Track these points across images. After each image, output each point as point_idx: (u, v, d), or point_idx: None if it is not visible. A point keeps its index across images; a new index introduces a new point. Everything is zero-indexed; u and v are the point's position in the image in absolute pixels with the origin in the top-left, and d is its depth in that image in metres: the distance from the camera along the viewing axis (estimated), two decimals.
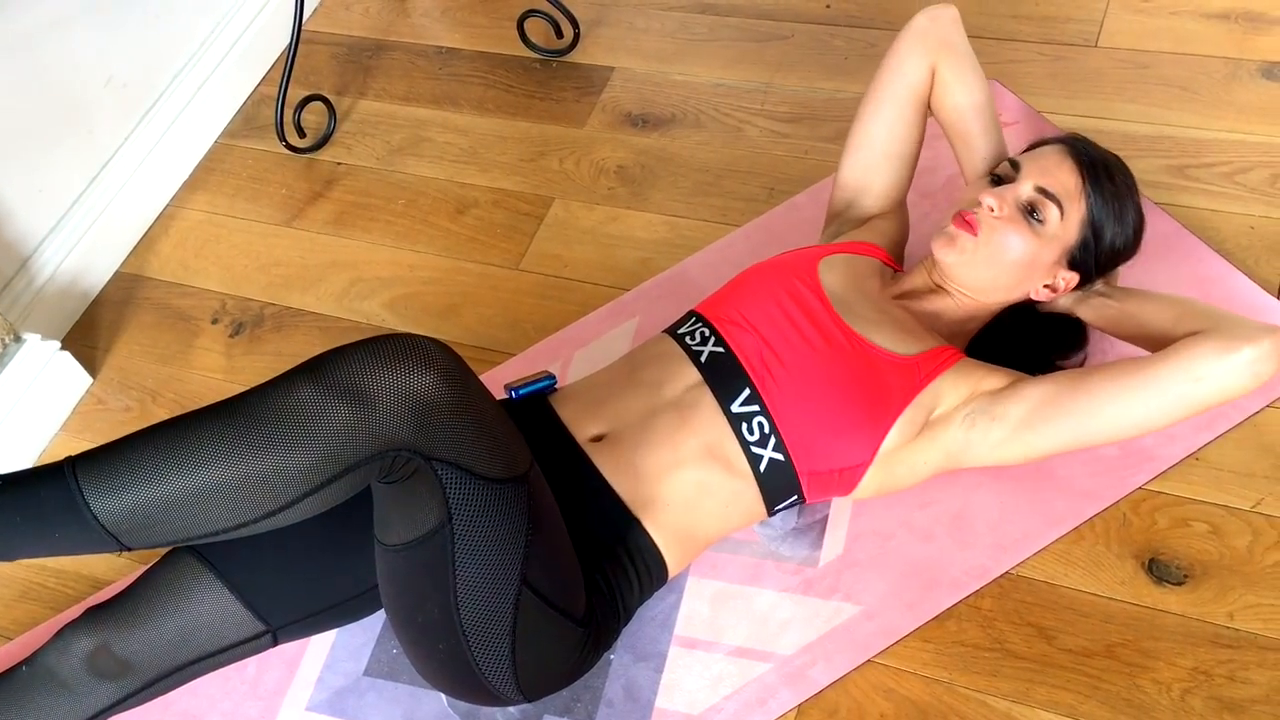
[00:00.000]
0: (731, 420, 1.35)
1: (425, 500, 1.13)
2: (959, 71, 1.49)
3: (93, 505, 1.08)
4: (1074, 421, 1.31)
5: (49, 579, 1.62)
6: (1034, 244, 1.36)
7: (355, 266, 1.92)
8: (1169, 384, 1.26)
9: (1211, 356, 1.24)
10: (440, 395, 1.09)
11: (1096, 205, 1.37)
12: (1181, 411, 1.28)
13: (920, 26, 1.50)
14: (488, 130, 2.08)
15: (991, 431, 1.33)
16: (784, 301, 1.40)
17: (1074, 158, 1.38)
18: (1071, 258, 1.39)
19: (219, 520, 1.09)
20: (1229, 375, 1.24)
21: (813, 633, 1.40)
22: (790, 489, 1.37)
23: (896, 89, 1.52)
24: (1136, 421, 1.30)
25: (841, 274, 1.45)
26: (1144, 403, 1.28)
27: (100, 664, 1.27)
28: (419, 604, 1.21)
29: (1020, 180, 1.37)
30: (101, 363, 1.87)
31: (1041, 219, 1.36)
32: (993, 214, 1.36)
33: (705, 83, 2.07)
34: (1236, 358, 1.23)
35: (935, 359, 1.37)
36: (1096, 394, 1.30)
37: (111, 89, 1.97)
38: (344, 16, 2.36)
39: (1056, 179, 1.36)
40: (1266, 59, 1.88)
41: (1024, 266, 1.37)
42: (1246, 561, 1.38)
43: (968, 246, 1.37)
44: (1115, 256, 1.41)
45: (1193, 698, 1.30)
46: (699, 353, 1.39)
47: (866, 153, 1.56)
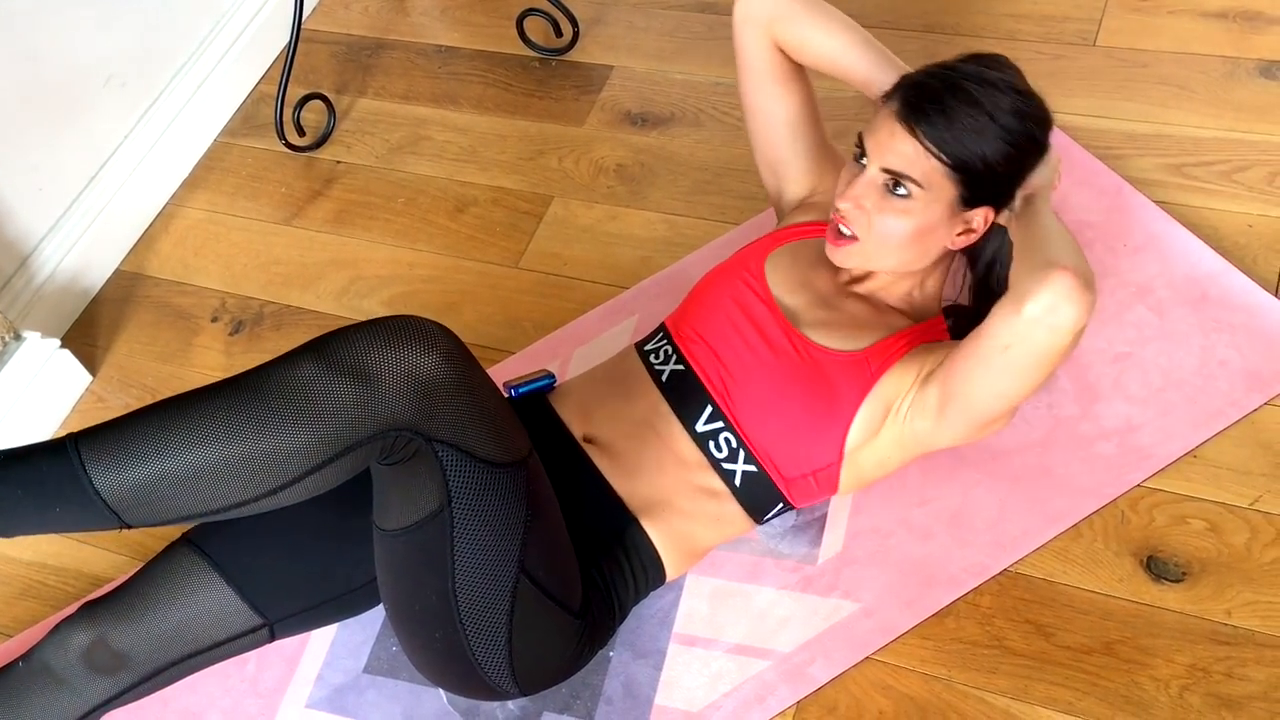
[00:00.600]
0: (699, 440, 1.35)
1: (425, 482, 1.14)
2: (801, 33, 1.41)
3: (95, 480, 1.08)
4: (961, 402, 1.26)
5: (49, 576, 1.63)
6: (909, 219, 1.29)
7: (355, 265, 1.92)
8: (992, 356, 1.20)
9: (1005, 322, 1.16)
10: (443, 376, 1.09)
11: (947, 151, 1.25)
12: (1024, 375, 1.20)
13: (740, 14, 1.43)
14: (487, 129, 2.09)
15: (924, 418, 1.30)
16: (733, 312, 1.39)
17: (901, 119, 1.27)
18: (963, 201, 1.29)
19: (220, 497, 1.09)
20: (1029, 336, 1.15)
21: (811, 630, 1.40)
22: (773, 498, 1.37)
23: (751, 81, 1.47)
24: (998, 396, 1.24)
25: (788, 271, 1.42)
26: (990, 378, 1.22)
27: (97, 658, 1.27)
28: (417, 591, 1.21)
29: (869, 162, 1.30)
30: (101, 361, 1.87)
31: (904, 193, 1.28)
32: (856, 214, 1.31)
33: (704, 81, 2.07)
34: (1021, 319, 1.14)
35: (885, 351, 1.34)
36: (960, 374, 1.24)
37: (111, 87, 1.97)
38: (343, 15, 2.36)
39: (895, 151, 1.27)
40: (1264, 58, 1.88)
41: (915, 239, 1.31)
42: (1244, 559, 1.38)
43: (854, 251, 1.33)
44: (1003, 175, 1.28)
45: (1191, 695, 1.30)
46: (661, 372, 1.40)
47: (763, 148, 1.53)
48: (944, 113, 1.25)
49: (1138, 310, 1.59)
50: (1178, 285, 1.61)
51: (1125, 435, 1.48)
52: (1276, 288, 1.60)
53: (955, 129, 1.25)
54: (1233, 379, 1.51)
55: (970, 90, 1.26)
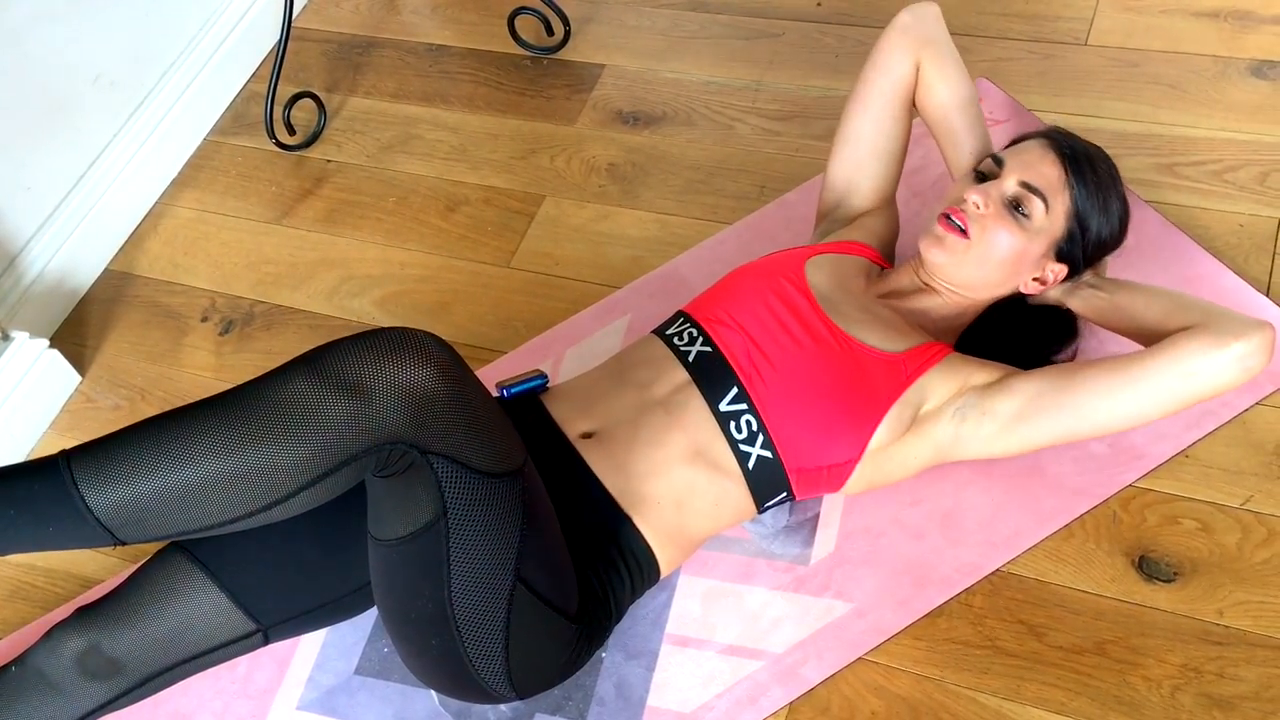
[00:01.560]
0: (720, 419, 1.35)
1: (420, 494, 1.13)
2: (943, 68, 1.50)
3: (88, 499, 1.07)
4: (1065, 415, 1.32)
5: (39, 578, 1.62)
6: (1020, 239, 1.36)
7: (345, 264, 1.92)
8: (1161, 378, 1.27)
9: (1203, 351, 1.25)
10: (436, 388, 1.09)
11: (1080, 197, 1.37)
12: (1172, 405, 1.29)
13: (904, 24, 1.51)
14: (478, 128, 2.08)
15: (983, 426, 1.34)
16: (770, 301, 1.41)
17: (1056, 151, 1.38)
18: (1058, 250, 1.39)
19: (214, 514, 1.09)
20: (1219, 370, 1.25)
21: (804, 630, 1.40)
22: (779, 486, 1.37)
23: (882, 86, 1.52)
24: (1128, 415, 1.31)
25: (828, 273, 1.45)
26: (1135, 396, 1.29)
27: (90, 664, 1.27)
28: (412, 600, 1.20)
29: (1004, 176, 1.38)
30: (90, 361, 1.87)
31: (1027, 213, 1.36)
32: (978, 210, 1.36)
33: (696, 80, 2.06)
34: (1227, 353, 1.24)
35: (921, 355, 1.37)
36: (1088, 388, 1.31)
37: (100, 86, 1.96)
38: (334, 13, 2.35)
39: (1040, 173, 1.37)
40: (1255, 57, 1.88)
41: (1012, 262, 1.38)
42: (1236, 559, 1.39)
43: (956, 247, 1.38)
44: (1102, 247, 1.42)
45: (1182, 694, 1.30)
46: (686, 352, 1.40)
47: (854, 151, 1.56)
48: (1091, 166, 1.39)
49: None
50: (1169, 284, 1.61)
51: (1117, 436, 1.48)
52: (1267, 287, 1.60)
53: (1094, 183, 1.38)
54: None
55: (1111, 170, 1.42)
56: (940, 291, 1.44)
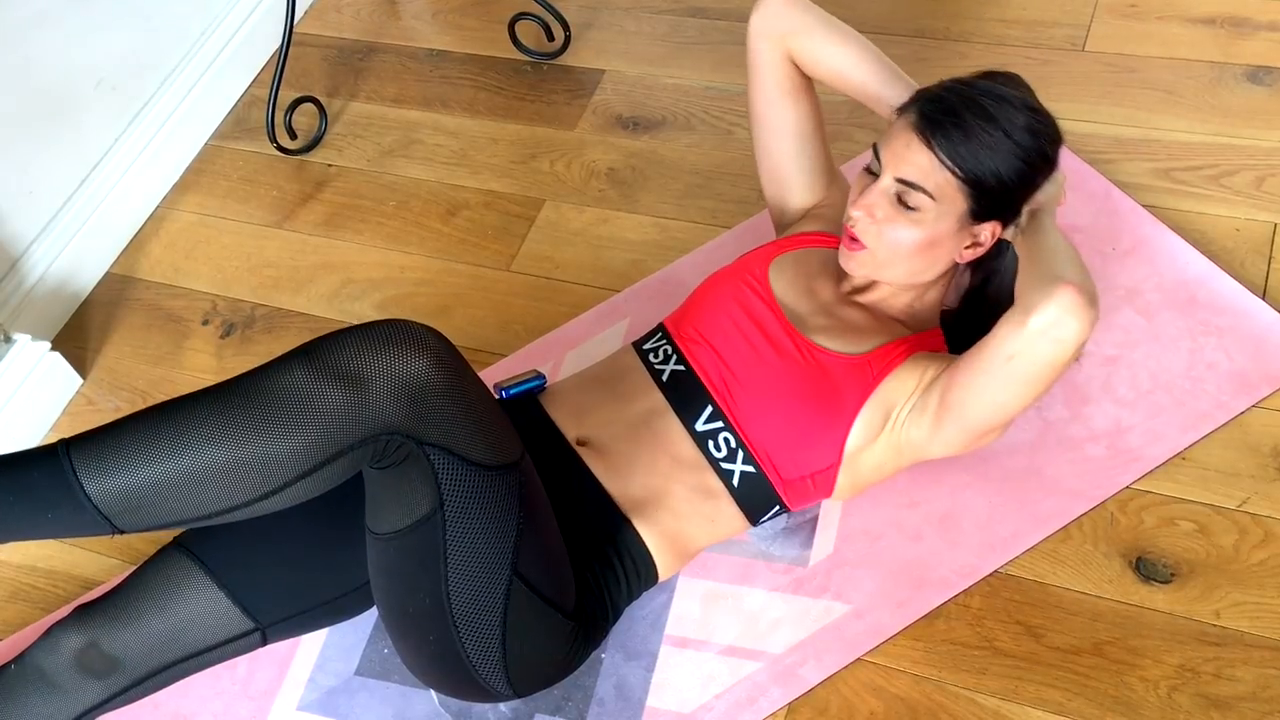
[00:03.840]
0: (698, 439, 1.36)
1: (417, 486, 1.14)
2: (814, 48, 1.43)
3: (86, 486, 1.08)
4: (959, 412, 1.28)
5: (39, 579, 1.62)
6: (919, 230, 1.30)
7: (346, 268, 1.93)
8: (993, 367, 1.22)
9: (1010, 335, 1.19)
10: (433, 379, 1.09)
11: (960, 165, 1.27)
12: (1024, 387, 1.22)
13: (755, 26, 1.45)
14: (479, 132, 2.09)
15: (920, 425, 1.32)
16: (736, 314, 1.40)
17: (918, 130, 1.28)
18: (973, 215, 1.30)
19: (212, 503, 1.09)
20: (1033, 348, 1.18)
21: (803, 632, 1.40)
22: (769, 500, 1.38)
23: (763, 92, 1.49)
24: (997, 407, 1.25)
25: (791, 276, 1.44)
26: (991, 389, 1.24)
27: (89, 661, 1.27)
28: (410, 594, 1.21)
29: (883, 173, 1.31)
30: (92, 363, 1.87)
31: (914, 205, 1.30)
32: (867, 224, 1.32)
33: (695, 85, 2.07)
34: (1026, 332, 1.17)
35: (886, 356, 1.35)
36: (961, 384, 1.26)
37: (102, 91, 1.97)
38: (335, 19, 2.36)
39: (910, 163, 1.29)
40: (1251, 63, 1.90)
41: (924, 250, 1.32)
42: (1233, 560, 1.39)
43: (865, 259, 1.35)
44: (1014, 190, 1.30)
45: (1180, 695, 1.31)
46: (661, 371, 1.40)
47: (770, 161, 1.54)
48: (960, 127, 1.26)
49: (1126, 313, 1.60)
50: (1166, 289, 1.62)
51: (1114, 437, 1.49)
52: (1264, 291, 1.61)
53: (970, 143, 1.26)
54: (1221, 381, 1.52)
55: (986, 106, 1.27)
56: (889, 283, 1.40)
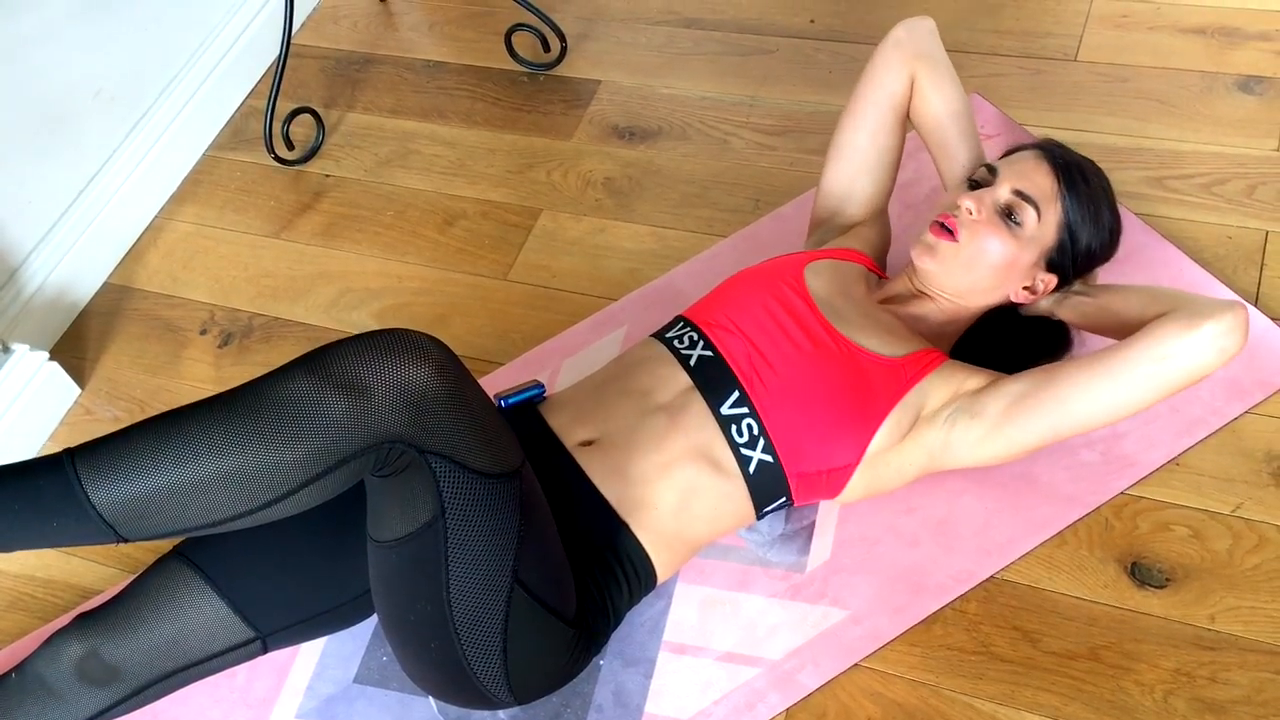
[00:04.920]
0: (721, 422, 1.36)
1: (419, 494, 1.14)
2: (937, 81, 1.52)
3: (91, 495, 1.08)
4: (1050, 412, 1.31)
5: (37, 589, 1.62)
6: (1012, 246, 1.38)
7: (344, 277, 1.93)
8: (1138, 366, 1.27)
9: (1175, 335, 1.24)
10: (435, 388, 1.10)
11: (1072, 208, 1.39)
12: (1153, 392, 1.28)
13: (898, 38, 1.53)
14: (476, 143, 2.10)
15: (972, 429, 1.34)
16: (771, 305, 1.42)
17: (1049, 161, 1.40)
18: (1049, 260, 1.41)
19: (215, 511, 1.10)
20: (1194, 351, 1.24)
21: (800, 637, 1.41)
22: (779, 490, 1.38)
23: (877, 99, 1.54)
24: (1110, 407, 1.30)
25: (827, 279, 1.47)
26: (1115, 387, 1.28)
27: (89, 670, 1.27)
28: (411, 601, 1.21)
29: (997, 184, 1.40)
30: (90, 373, 1.87)
31: (1019, 221, 1.38)
32: (971, 217, 1.38)
33: (691, 96, 2.09)
34: (1199, 334, 1.23)
35: (920, 361, 1.38)
36: (1070, 383, 1.31)
37: (100, 101, 1.98)
38: (332, 30, 2.37)
39: (1033, 182, 1.39)
40: (1242, 72, 1.91)
41: (1002, 269, 1.40)
42: (1227, 565, 1.40)
43: (946, 254, 1.39)
44: (1092, 258, 1.43)
45: (1175, 699, 1.31)
46: (688, 356, 1.41)
47: (849, 162, 1.58)
48: (1085, 179, 1.41)
49: None
50: None
51: (1109, 443, 1.50)
52: (1255, 298, 1.62)
53: (1086, 194, 1.40)
54: (1214, 388, 1.53)
55: (1101, 176, 1.44)
56: (934, 298, 1.46)
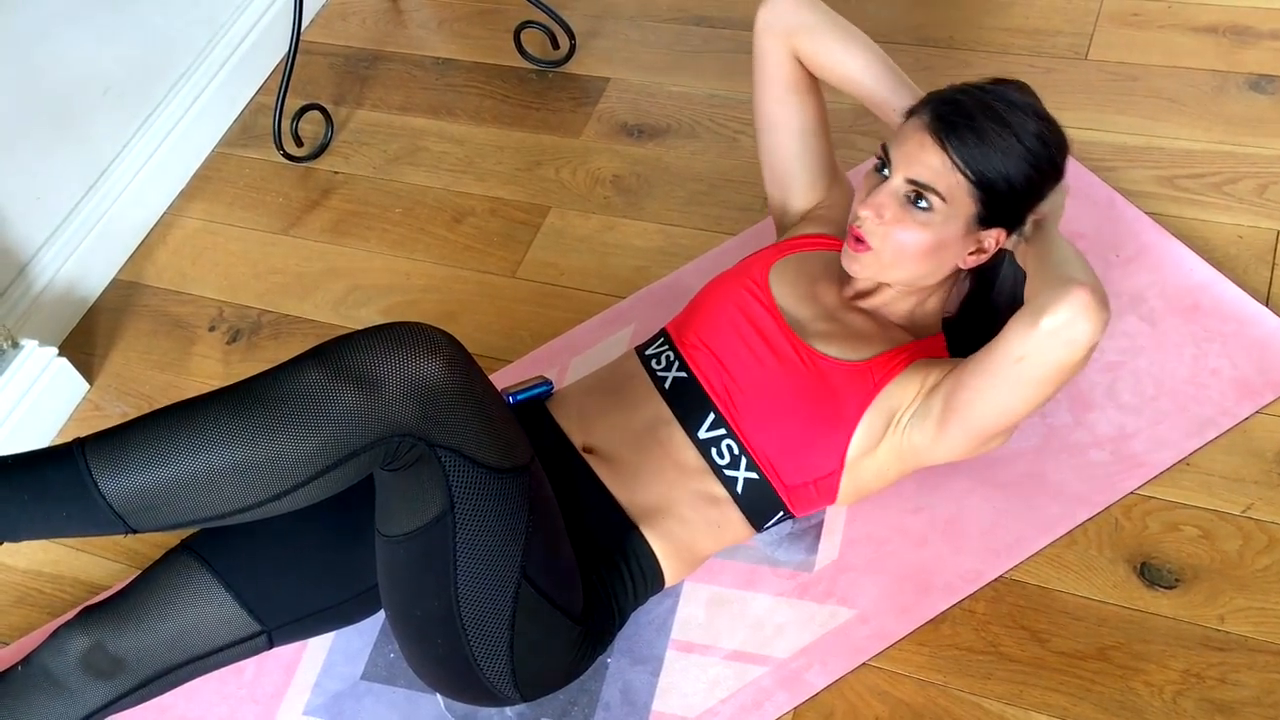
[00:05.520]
0: (700, 446, 1.36)
1: (428, 488, 1.14)
2: (821, 47, 1.42)
3: (101, 486, 1.08)
4: (964, 415, 1.27)
5: (45, 584, 1.63)
6: (927, 233, 1.29)
7: (352, 274, 1.93)
8: (1003, 369, 1.21)
9: (1021, 336, 1.17)
10: (445, 382, 1.10)
11: (972, 168, 1.26)
12: (1032, 390, 1.21)
13: (763, 21, 1.45)
14: (484, 140, 2.10)
15: (924, 430, 1.31)
16: (738, 321, 1.40)
17: (932, 131, 1.28)
18: (980, 220, 1.30)
19: (225, 503, 1.10)
20: (1044, 349, 1.17)
21: (808, 636, 1.41)
22: (773, 506, 1.38)
23: (768, 90, 1.49)
24: (1004, 409, 1.25)
25: (793, 281, 1.43)
26: (997, 391, 1.23)
27: (94, 663, 1.27)
28: (419, 597, 1.21)
29: (893, 173, 1.30)
30: (98, 369, 1.88)
31: (926, 205, 1.28)
32: (875, 224, 1.31)
33: (700, 93, 2.08)
34: (1038, 333, 1.15)
35: (888, 363, 1.35)
36: (967, 387, 1.26)
37: (110, 98, 1.98)
38: (341, 27, 2.38)
39: (922, 163, 1.28)
40: (1254, 71, 1.90)
41: (930, 254, 1.31)
42: (1237, 565, 1.39)
43: (869, 261, 1.34)
44: (1023, 197, 1.30)
45: (1184, 700, 1.31)
46: (663, 379, 1.41)
47: (774, 160, 1.54)
48: (974, 130, 1.26)
49: (1130, 320, 1.61)
50: (1169, 295, 1.63)
51: (1118, 443, 1.50)
52: (1266, 297, 1.62)
53: (984, 147, 1.26)
54: (1224, 388, 1.52)
55: (999, 110, 1.27)
56: (892, 285, 1.40)
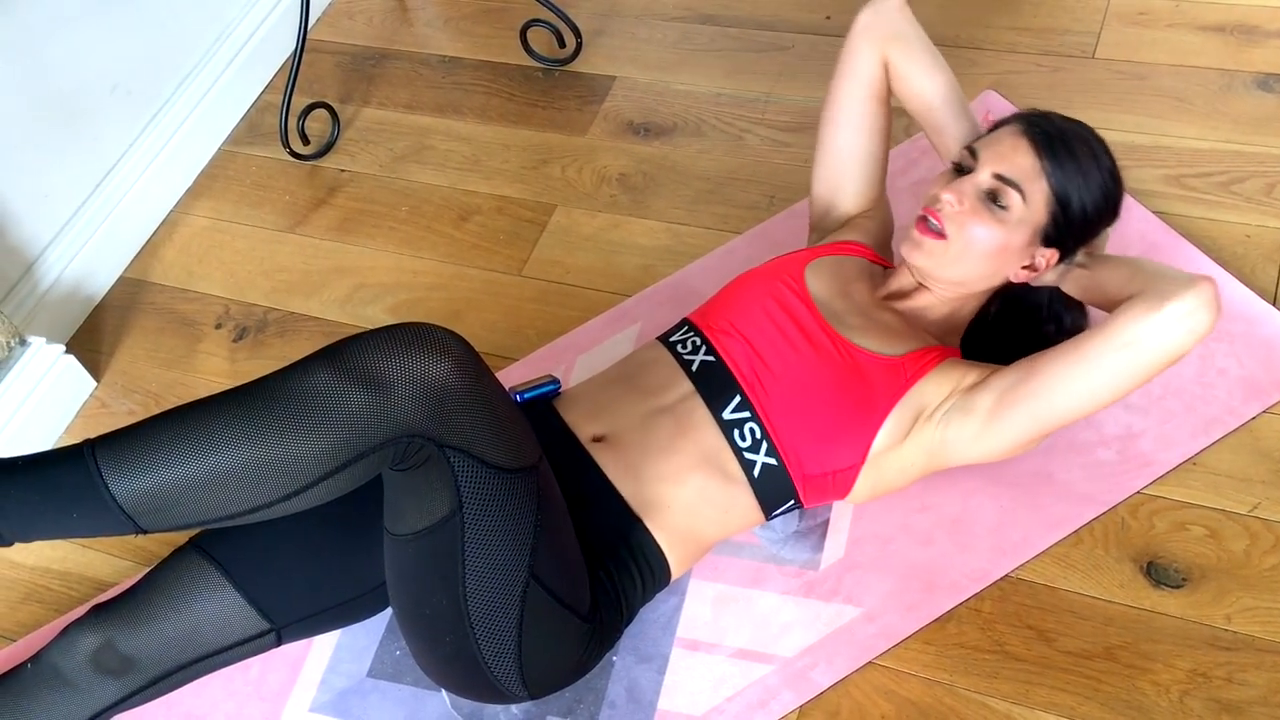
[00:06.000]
0: (724, 427, 1.36)
1: (437, 488, 1.14)
2: (912, 59, 1.47)
3: (111, 487, 1.08)
4: (1032, 404, 1.29)
5: (53, 581, 1.63)
6: (1000, 231, 1.33)
7: (358, 272, 1.93)
8: (1106, 353, 1.23)
9: (1138, 319, 1.21)
10: (454, 383, 1.10)
11: (1058, 180, 1.33)
12: (1128, 378, 1.24)
13: (864, 23, 1.48)
14: (490, 138, 2.10)
15: (966, 426, 1.32)
16: (771, 309, 1.41)
17: (1029, 136, 1.34)
18: (1045, 236, 1.35)
19: (235, 503, 1.10)
20: (1160, 335, 1.21)
21: (814, 635, 1.41)
22: (786, 494, 1.38)
23: (852, 90, 1.51)
24: (1088, 395, 1.27)
25: (828, 279, 1.45)
26: (1090, 376, 1.25)
27: (104, 661, 1.28)
28: (427, 596, 1.22)
29: (979, 168, 1.35)
30: (105, 366, 1.88)
31: (1004, 205, 1.33)
32: (953, 209, 1.34)
33: (706, 92, 2.08)
34: (1160, 316, 1.19)
35: (920, 360, 1.37)
36: (1048, 373, 1.28)
37: (117, 96, 1.99)
38: (348, 26, 2.38)
39: (1013, 163, 1.33)
40: (1261, 71, 1.90)
41: (995, 254, 1.35)
42: (1244, 565, 1.39)
43: (934, 249, 1.36)
44: (1089, 225, 1.37)
45: (1191, 699, 1.31)
46: (690, 361, 1.41)
47: (834, 159, 1.55)
48: (1067, 146, 1.34)
49: None
50: None
51: (1125, 442, 1.50)
52: (1274, 297, 1.61)
53: (1073, 163, 1.33)
54: (1231, 387, 1.52)
55: (1087, 138, 1.36)
56: (933, 289, 1.43)
